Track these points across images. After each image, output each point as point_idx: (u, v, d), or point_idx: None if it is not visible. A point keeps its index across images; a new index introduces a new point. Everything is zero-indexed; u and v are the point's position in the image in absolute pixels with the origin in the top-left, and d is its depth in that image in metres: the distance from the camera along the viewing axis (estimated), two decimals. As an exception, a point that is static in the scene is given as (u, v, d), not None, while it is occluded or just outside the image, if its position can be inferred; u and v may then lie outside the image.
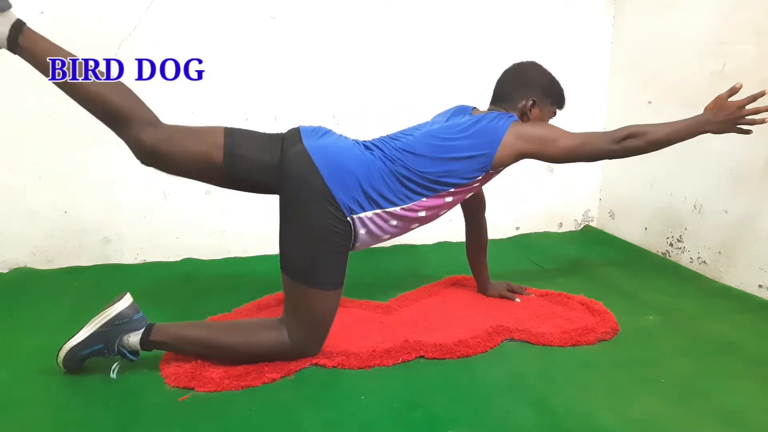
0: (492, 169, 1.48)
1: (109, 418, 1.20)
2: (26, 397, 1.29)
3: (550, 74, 1.63)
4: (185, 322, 1.49)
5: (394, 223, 1.44)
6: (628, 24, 2.45)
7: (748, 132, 1.52)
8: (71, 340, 1.35)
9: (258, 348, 1.38)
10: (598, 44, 2.54)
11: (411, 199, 1.43)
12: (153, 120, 1.43)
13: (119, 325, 1.35)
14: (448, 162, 1.44)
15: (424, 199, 1.44)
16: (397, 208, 1.42)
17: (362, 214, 1.38)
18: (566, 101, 1.66)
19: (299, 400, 1.27)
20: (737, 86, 1.49)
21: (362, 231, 1.40)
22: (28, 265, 2.11)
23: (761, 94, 1.48)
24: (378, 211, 1.40)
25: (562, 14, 2.47)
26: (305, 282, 1.37)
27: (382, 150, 1.45)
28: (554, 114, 1.66)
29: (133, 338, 1.36)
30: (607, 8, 2.52)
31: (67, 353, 1.34)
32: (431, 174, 1.43)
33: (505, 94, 1.61)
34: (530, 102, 1.57)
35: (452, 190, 1.46)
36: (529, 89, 1.58)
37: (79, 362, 1.36)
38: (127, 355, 1.36)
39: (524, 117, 1.59)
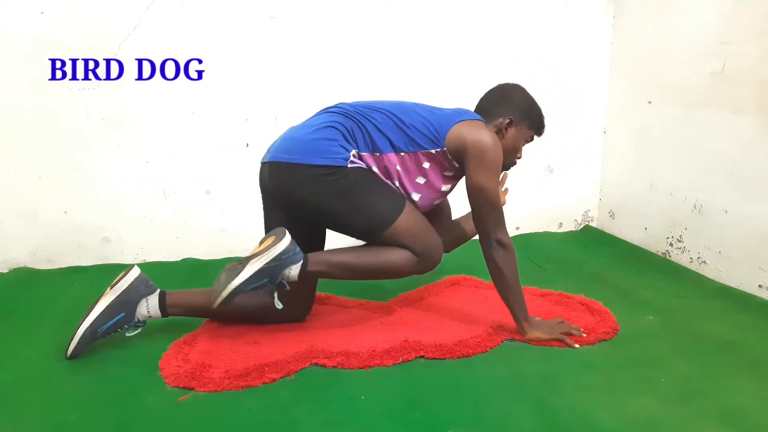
0: (445, 146, 1.49)
1: (109, 418, 1.20)
2: (26, 397, 1.29)
3: (531, 99, 1.63)
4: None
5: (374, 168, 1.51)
6: (628, 24, 2.45)
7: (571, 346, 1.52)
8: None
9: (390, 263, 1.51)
10: (598, 44, 2.54)
11: (369, 148, 1.49)
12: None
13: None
14: (403, 122, 1.50)
15: (378, 154, 1.50)
16: (366, 153, 1.49)
17: (351, 155, 1.47)
18: (545, 130, 1.66)
19: (299, 400, 1.27)
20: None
21: (362, 163, 1.49)
22: (28, 265, 2.11)
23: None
24: (354, 150, 1.48)
25: (562, 14, 2.47)
26: (384, 228, 1.47)
27: (342, 107, 1.56)
28: (531, 139, 1.65)
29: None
30: (607, 8, 2.52)
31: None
32: (383, 127, 1.49)
33: (485, 110, 1.62)
34: (507, 120, 1.58)
35: (403, 153, 1.49)
36: (508, 108, 1.59)
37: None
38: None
39: (500, 134, 1.59)
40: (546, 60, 2.48)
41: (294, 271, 1.44)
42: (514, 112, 1.59)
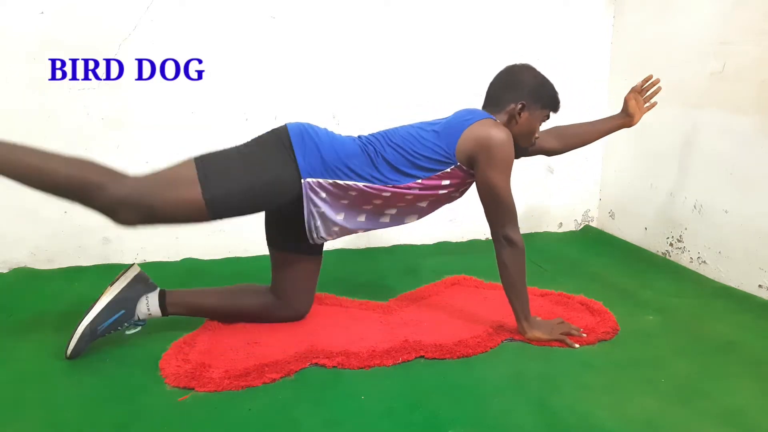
0: (458, 161, 1.46)
1: (109, 418, 1.20)
2: (26, 397, 1.29)
3: (542, 77, 1.58)
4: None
5: (354, 193, 1.46)
6: (628, 24, 2.45)
7: (567, 346, 1.52)
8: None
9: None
10: (598, 44, 2.54)
11: (378, 180, 1.46)
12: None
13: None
14: (411, 155, 1.47)
15: (390, 185, 1.46)
16: (360, 183, 1.45)
17: (321, 180, 1.42)
18: (560, 105, 1.60)
19: (299, 400, 1.27)
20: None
21: (323, 194, 1.44)
22: (28, 265, 2.11)
23: None
24: (338, 181, 1.44)
25: (562, 14, 2.47)
26: (201, 176, 1.35)
27: (364, 136, 1.53)
28: (547, 118, 1.61)
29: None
30: (607, 8, 2.52)
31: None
32: (395, 161, 1.46)
33: (495, 97, 1.58)
34: (519, 105, 1.53)
35: (420, 180, 1.47)
36: (518, 92, 1.54)
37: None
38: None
39: (513, 120, 1.55)
40: (546, 60, 2.47)
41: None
42: (525, 96, 1.54)
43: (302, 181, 1.41)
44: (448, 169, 1.47)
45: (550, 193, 2.63)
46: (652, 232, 2.34)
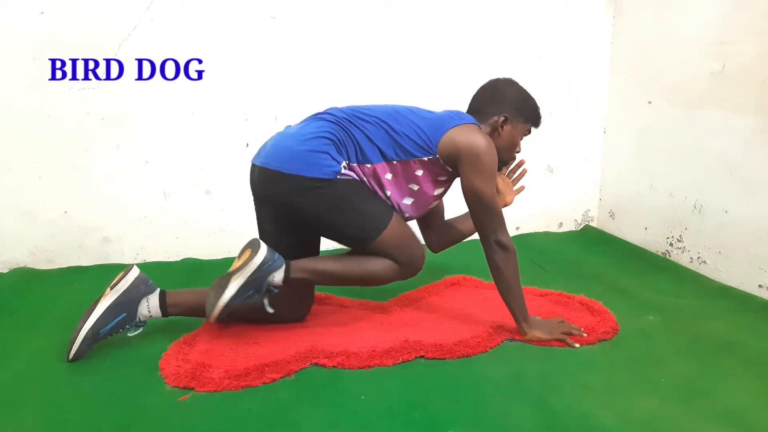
0: (437, 153, 1.48)
1: (109, 418, 1.20)
2: (26, 397, 1.29)
3: (525, 92, 1.61)
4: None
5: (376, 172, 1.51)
6: (628, 24, 2.45)
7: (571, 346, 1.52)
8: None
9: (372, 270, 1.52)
10: (598, 44, 2.54)
11: (359, 159, 1.48)
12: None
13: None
14: (395, 131, 1.49)
15: (369, 165, 1.49)
16: (355, 165, 1.49)
17: (341, 168, 1.46)
18: (542, 120, 1.63)
19: (299, 400, 1.27)
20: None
21: (353, 174, 1.49)
22: (28, 265, 2.11)
23: None
24: (344, 162, 1.48)
25: (562, 14, 2.47)
26: (372, 239, 1.47)
27: (334, 115, 1.53)
28: (528, 132, 1.64)
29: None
30: (607, 8, 2.52)
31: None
32: (374, 137, 1.48)
33: (478, 109, 1.61)
34: (502, 118, 1.56)
35: (395, 162, 1.49)
36: (501, 105, 1.57)
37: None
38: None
39: (495, 133, 1.58)
40: (546, 60, 2.48)
41: (278, 276, 1.45)
42: (508, 110, 1.57)
43: (337, 179, 1.44)
44: (425, 158, 1.49)
45: (550, 193, 2.63)
46: (652, 232, 2.34)
